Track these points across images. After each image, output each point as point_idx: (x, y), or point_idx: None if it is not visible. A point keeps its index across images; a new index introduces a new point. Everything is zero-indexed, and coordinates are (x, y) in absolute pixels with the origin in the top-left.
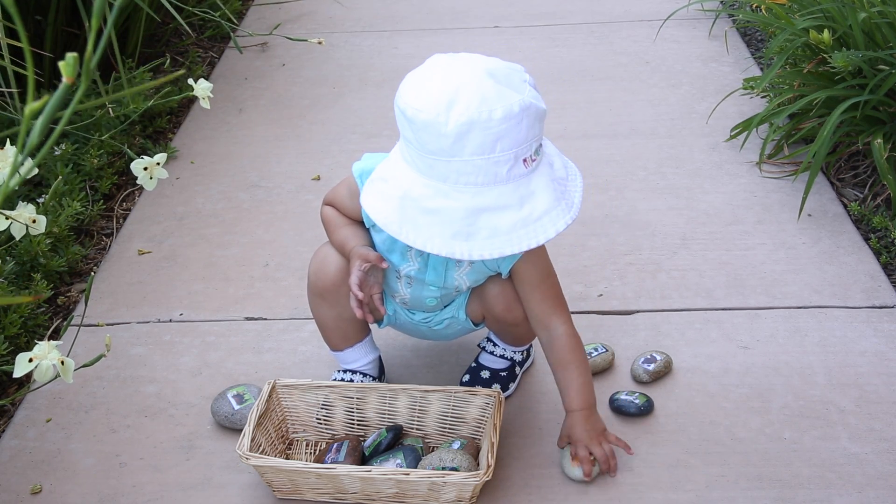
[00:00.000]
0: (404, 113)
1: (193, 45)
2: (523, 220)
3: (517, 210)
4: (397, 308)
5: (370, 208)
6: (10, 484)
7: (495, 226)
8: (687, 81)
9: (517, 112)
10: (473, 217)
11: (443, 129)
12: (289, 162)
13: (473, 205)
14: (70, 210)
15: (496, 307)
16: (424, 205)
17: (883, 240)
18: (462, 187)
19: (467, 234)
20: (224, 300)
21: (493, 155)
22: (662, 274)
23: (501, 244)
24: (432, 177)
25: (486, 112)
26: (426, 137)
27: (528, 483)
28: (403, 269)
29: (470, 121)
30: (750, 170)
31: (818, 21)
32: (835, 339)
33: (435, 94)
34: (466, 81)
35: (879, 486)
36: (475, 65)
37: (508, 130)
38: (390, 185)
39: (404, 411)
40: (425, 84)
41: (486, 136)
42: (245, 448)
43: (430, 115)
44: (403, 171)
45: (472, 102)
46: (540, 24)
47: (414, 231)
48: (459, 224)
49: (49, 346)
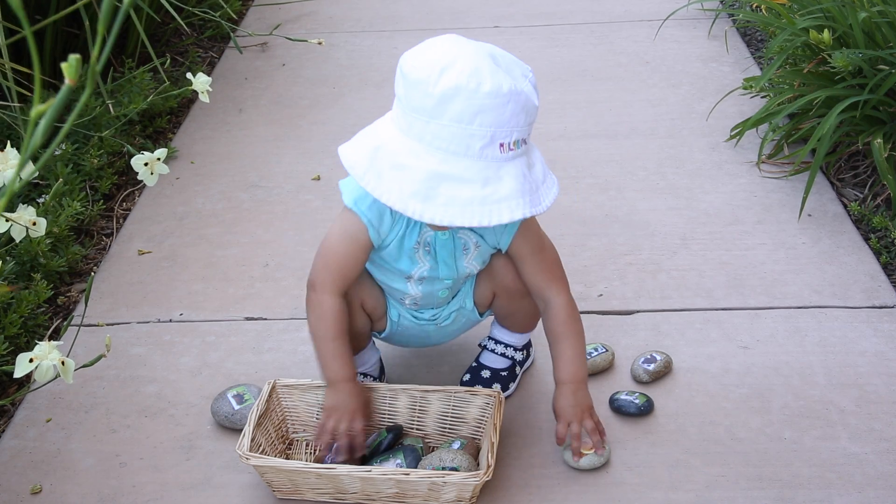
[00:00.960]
0: (402, 68)
1: (193, 46)
2: (482, 199)
3: (479, 188)
4: (402, 312)
5: (344, 152)
6: (10, 484)
7: (453, 195)
8: (687, 81)
9: (504, 92)
10: (435, 182)
11: (430, 89)
12: (289, 162)
13: (438, 170)
14: (70, 210)
15: (506, 277)
16: (394, 160)
17: (883, 240)
18: (433, 151)
19: (425, 196)
20: (224, 300)
21: (471, 127)
22: (662, 274)
23: (453, 214)
24: (409, 135)
25: (476, 83)
26: (413, 94)
27: (528, 483)
28: (416, 273)
29: (457, 86)
30: (750, 170)
31: (818, 21)
32: (835, 339)
33: (434, 57)
34: (468, 54)
35: (879, 486)
36: (483, 45)
37: (491, 107)
38: (370, 137)
39: (404, 411)
40: (430, 48)
41: (468, 106)
42: (245, 448)
43: (422, 73)
44: (386, 127)
45: (464, 70)
46: (540, 24)
47: (376, 179)
48: (420, 185)
49: (50, 347)
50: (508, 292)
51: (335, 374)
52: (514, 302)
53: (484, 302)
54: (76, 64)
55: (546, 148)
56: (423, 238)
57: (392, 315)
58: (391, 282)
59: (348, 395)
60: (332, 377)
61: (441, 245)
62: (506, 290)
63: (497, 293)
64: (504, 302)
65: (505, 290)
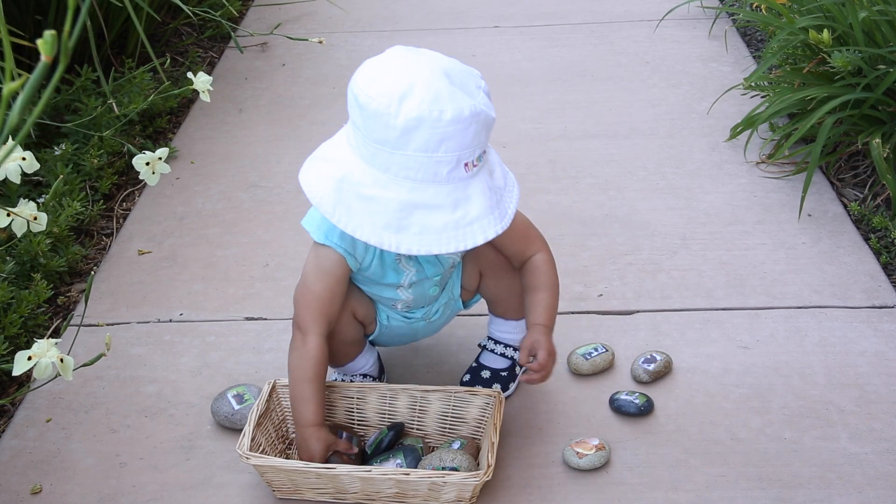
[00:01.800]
0: (357, 98)
1: (193, 46)
2: (455, 223)
3: (450, 212)
4: (391, 314)
5: (307, 186)
6: (10, 484)
7: (426, 223)
8: (687, 81)
9: (466, 116)
10: (407, 211)
11: (392, 121)
12: (289, 162)
13: (409, 199)
14: (70, 210)
15: (489, 253)
16: (361, 191)
17: (883, 240)
18: (401, 181)
19: (398, 227)
20: (224, 300)
21: (437, 154)
22: (662, 274)
23: (429, 242)
24: (374, 165)
25: (437, 111)
26: (374, 126)
27: (528, 483)
28: (405, 281)
29: (419, 117)
30: (750, 170)
31: (818, 20)
32: (835, 339)
33: (389, 85)
34: (423, 77)
35: (879, 486)
36: (433, 62)
37: (455, 133)
38: (331, 166)
39: (404, 411)
40: (382, 74)
41: (432, 135)
42: (245, 448)
43: (381, 105)
44: (346, 154)
45: (424, 99)
46: (540, 24)
47: (346, 215)
48: (392, 216)
49: (48, 344)
50: (493, 268)
51: (302, 417)
52: (500, 280)
53: (472, 284)
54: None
55: (546, 148)
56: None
57: (381, 318)
58: (382, 293)
59: (314, 441)
60: (299, 420)
61: None
62: (490, 267)
63: (483, 272)
64: (491, 282)
65: (490, 267)
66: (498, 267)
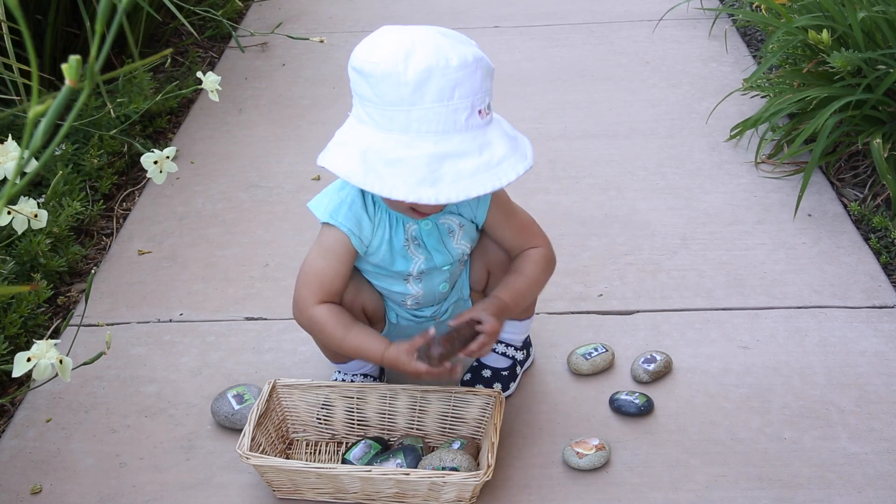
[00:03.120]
0: (361, 70)
1: (193, 45)
2: (485, 165)
3: (477, 156)
4: (400, 312)
5: (332, 166)
6: (10, 484)
7: (459, 170)
8: (687, 81)
9: (471, 61)
10: (437, 163)
11: (402, 78)
12: (289, 162)
13: (436, 151)
14: (70, 210)
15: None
16: (387, 156)
17: (883, 240)
18: (423, 135)
19: (432, 179)
20: (224, 300)
21: (452, 102)
22: (662, 274)
23: (466, 187)
24: (392, 129)
25: (444, 59)
26: (385, 88)
27: (528, 483)
28: (414, 268)
29: (428, 67)
30: (750, 170)
31: (818, 20)
32: (835, 339)
33: (392, 47)
34: (421, 36)
35: (879, 486)
36: (427, 27)
37: (465, 77)
38: (348, 146)
39: (404, 411)
40: (380, 42)
41: (444, 82)
42: (245, 448)
43: (388, 66)
44: (360, 130)
45: (428, 51)
46: (540, 24)
47: (378, 181)
48: (424, 171)
49: (47, 345)
50: (502, 266)
51: (373, 356)
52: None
53: (480, 282)
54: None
55: (546, 148)
56: (409, 233)
57: (390, 317)
58: (391, 286)
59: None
60: (376, 358)
61: (427, 234)
62: (499, 265)
63: (491, 270)
64: (499, 280)
65: (499, 265)
66: (505, 266)
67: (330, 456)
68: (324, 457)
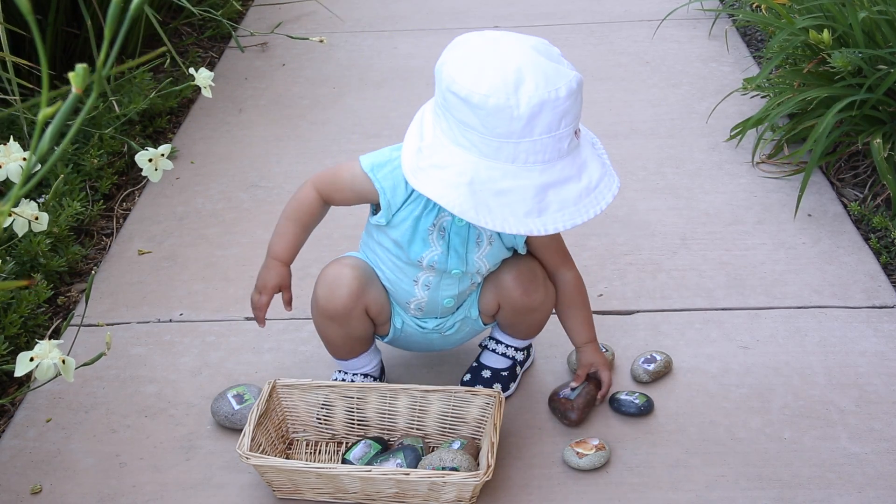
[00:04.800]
0: (468, 100)
1: (193, 45)
2: (586, 190)
3: (578, 181)
4: (406, 319)
5: (439, 198)
6: (10, 484)
7: (563, 198)
8: (687, 81)
9: (576, 88)
10: (542, 194)
11: (515, 113)
12: (289, 162)
13: (541, 181)
14: (70, 210)
15: (514, 292)
16: (494, 187)
17: (883, 240)
18: (531, 166)
19: (539, 210)
20: (224, 300)
21: (559, 132)
22: (662, 274)
23: (572, 215)
24: (498, 159)
25: (554, 91)
26: (496, 122)
27: (528, 483)
28: (426, 257)
29: (541, 102)
30: (750, 170)
31: (818, 20)
32: (835, 339)
33: (498, 78)
34: (524, 60)
35: (879, 486)
36: (518, 41)
37: (571, 107)
38: (451, 171)
39: (404, 411)
40: (482, 67)
41: (554, 115)
42: (245, 448)
43: (500, 100)
44: (461, 156)
45: (538, 81)
46: (540, 24)
47: (489, 214)
48: (531, 202)
49: (50, 346)
50: (515, 308)
51: (272, 248)
52: (519, 316)
53: (489, 312)
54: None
55: None
56: (440, 222)
57: (396, 322)
58: (400, 280)
59: (272, 271)
60: (269, 249)
61: (455, 231)
62: (512, 306)
63: (503, 306)
64: (509, 315)
65: (511, 306)
66: (520, 309)
67: (330, 456)
68: (324, 457)
